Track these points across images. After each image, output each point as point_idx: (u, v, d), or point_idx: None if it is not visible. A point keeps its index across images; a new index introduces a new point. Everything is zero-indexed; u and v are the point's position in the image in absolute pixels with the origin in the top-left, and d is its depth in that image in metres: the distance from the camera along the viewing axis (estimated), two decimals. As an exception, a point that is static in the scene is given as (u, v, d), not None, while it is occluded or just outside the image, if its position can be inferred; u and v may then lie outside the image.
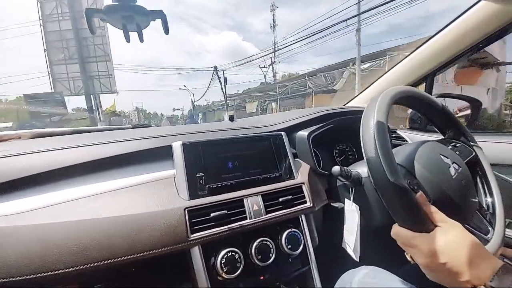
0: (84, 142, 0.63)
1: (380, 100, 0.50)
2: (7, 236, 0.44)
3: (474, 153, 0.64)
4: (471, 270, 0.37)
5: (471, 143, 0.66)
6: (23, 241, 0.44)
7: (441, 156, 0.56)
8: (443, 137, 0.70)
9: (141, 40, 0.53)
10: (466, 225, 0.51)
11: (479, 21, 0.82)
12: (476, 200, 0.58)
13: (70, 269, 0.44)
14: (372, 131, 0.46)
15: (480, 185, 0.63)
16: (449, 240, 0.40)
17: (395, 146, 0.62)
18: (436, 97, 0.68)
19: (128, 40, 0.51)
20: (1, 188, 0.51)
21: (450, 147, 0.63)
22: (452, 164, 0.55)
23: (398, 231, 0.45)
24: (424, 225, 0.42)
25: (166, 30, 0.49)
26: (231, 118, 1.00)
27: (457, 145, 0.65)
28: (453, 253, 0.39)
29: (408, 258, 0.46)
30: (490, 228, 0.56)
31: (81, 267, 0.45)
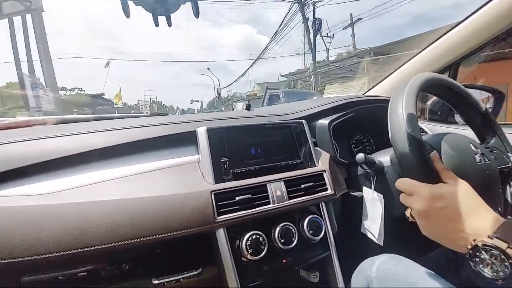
0: (108, 127, 0.64)
1: (409, 86, 0.49)
2: (43, 213, 0.46)
3: (510, 164, 0.60)
4: (470, 220, 0.35)
5: (510, 154, 0.62)
6: (59, 218, 0.46)
7: (470, 144, 0.55)
8: (480, 143, 0.66)
9: (169, 24, 0.54)
10: None
11: (507, 8, 0.78)
12: (501, 195, 0.56)
13: (105, 246, 0.46)
14: (401, 113, 0.45)
15: (508, 190, 0.59)
16: (453, 190, 0.39)
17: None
18: None
19: (157, 24, 0.52)
20: (34, 169, 0.53)
21: (486, 149, 0.59)
22: (480, 153, 0.54)
23: (403, 179, 0.44)
24: (432, 178, 0.42)
25: (197, 13, 0.49)
26: (248, 107, 1.00)
27: (494, 151, 0.61)
28: (454, 199, 0.37)
29: (407, 215, 0.45)
30: None
31: (115, 244, 0.47)
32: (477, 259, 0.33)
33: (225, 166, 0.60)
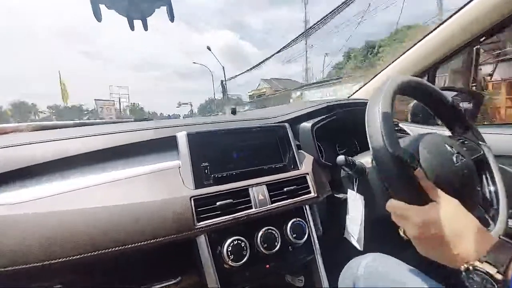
0: (87, 133, 0.63)
1: (386, 89, 0.51)
2: (12, 224, 0.44)
3: (482, 151, 0.63)
4: (463, 243, 0.36)
5: (479, 141, 0.65)
6: (28, 229, 0.44)
7: (446, 145, 0.56)
8: (450, 134, 0.69)
9: (145, 28, 0.53)
10: None
11: (481, 13, 0.82)
12: (479, 190, 0.58)
13: (76, 257, 0.45)
14: (378, 118, 0.46)
15: (485, 182, 0.62)
16: (443, 212, 0.39)
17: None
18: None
19: (132, 28, 0.51)
20: (5, 178, 0.51)
21: (458, 143, 0.62)
22: (456, 153, 0.55)
23: (393, 203, 0.45)
24: (420, 199, 0.42)
25: (172, 17, 0.49)
26: (233, 111, 1.00)
27: (465, 142, 0.64)
28: (445, 224, 0.38)
29: (401, 234, 0.45)
30: (491, 222, 0.56)
31: (87, 255, 0.45)
32: (471, 281, 0.33)
33: (206, 171, 0.60)
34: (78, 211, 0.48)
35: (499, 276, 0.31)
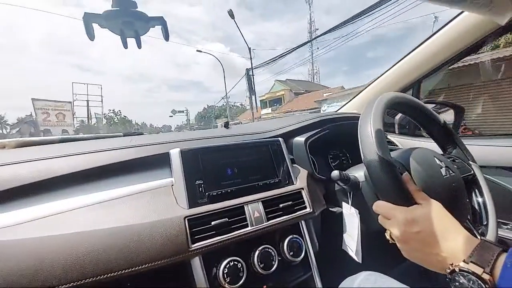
0: (75, 150, 0.60)
1: (376, 105, 0.52)
2: None
3: (472, 171, 0.64)
4: (445, 243, 0.36)
5: (470, 162, 0.66)
6: (12, 256, 0.41)
7: (435, 158, 0.58)
8: (442, 153, 0.70)
9: (139, 46, 0.53)
10: None
11: (462, 32, 0.87)
12: (468, 203, 0.60)
13: (63, 286, 0.41)
14: (370, 132, 0.47)
15: (474, 196, 0.63)
16: (426, 211, 0.40)
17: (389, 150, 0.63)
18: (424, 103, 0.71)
19: (125, 46, 0.51)
20: None
21: (449, 160, 0.63)
22: (445, 167, 0.57)
23: (379, 203, 0.46)
24: (405, 200, 0.43)
25: (167, 37, 0.49)
26: (226, 125, 1.00)
27: (456, 160, 0.66)
28: (428, 223, 0.38)
29: (387, 237, 0.46)
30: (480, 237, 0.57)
31: (75, 283, 0.42)
32: (457, 283, 0.33)
33: (200, 189, 0.58)
34: (62, 237, 0.44)
35: (486, 276, 0.31)
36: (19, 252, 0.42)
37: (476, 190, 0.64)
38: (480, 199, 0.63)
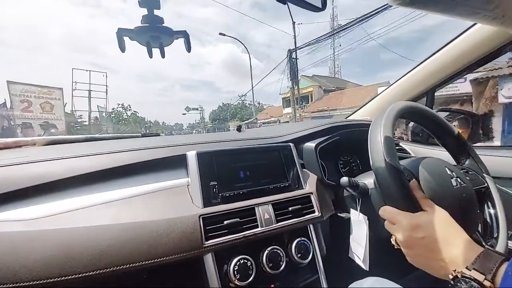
0: (98, 150, 0.65)
1: (387, 113, 0.54)
2: (26, 240, 0.45)
3: (486, 184, 0.64)
4: (448, 249, 0.37)
5: (484, 174, 0.65)
6: (43, 245, 0.45)
7: (446, 168, 0.58)
8: (455, 163, 0.70)
9: (163, 56, 0.57)
10: None
11: (477, 41, 0.87)
12: (479, 215, 0.59)
13: (88, 273, 0.46)
14: (379, 140, 0.49)
15: (486, 208, 0.63)
16: (431, 218, 0.41)
17: (400, 158, 0.64)
18: (437, 111, 0.71)
19: (151, 56, 0.55)
20: (20, 194, 0.53)
21: (461, 171, 0.62)
22: (456, 177, 0.57)
23: (385, 208, 0.47)
24: (412, 206, 0.44)
25: (189, 48, 0.53)
26: (239, 129, 1.03)
27: (470, 172, 0.65)
28: (432, 229, 0.39)
29: (393, 242, 0.47)
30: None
31: (99, 272, 0.46)
32: None
33: (214, 189, 0.62)
34: (89, 229, 0.49)
35: (487, 283, 0.32)
36: (48, 241, 0.46)
37: (489, 203, 0.63)
38: (492, 211, 0.62)
